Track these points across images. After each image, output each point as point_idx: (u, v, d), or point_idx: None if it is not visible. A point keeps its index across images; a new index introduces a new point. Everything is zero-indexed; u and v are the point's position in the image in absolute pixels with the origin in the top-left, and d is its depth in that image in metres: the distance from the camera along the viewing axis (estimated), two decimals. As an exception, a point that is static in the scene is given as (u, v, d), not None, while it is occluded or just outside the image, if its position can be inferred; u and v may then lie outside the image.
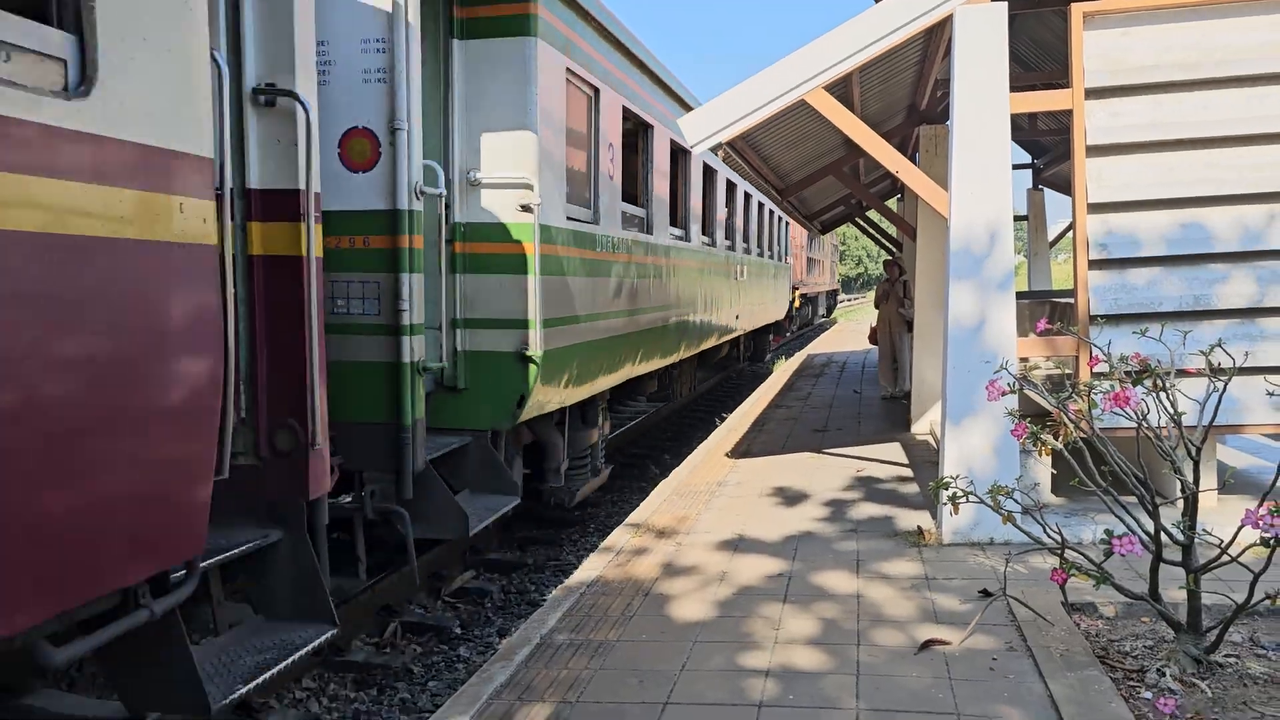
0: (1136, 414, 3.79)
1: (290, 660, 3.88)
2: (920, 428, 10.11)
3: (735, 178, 13.43)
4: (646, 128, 8.81)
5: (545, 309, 6.12)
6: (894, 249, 15.52)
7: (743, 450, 9.38)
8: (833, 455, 8.96)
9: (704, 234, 11.54)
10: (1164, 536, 3.93)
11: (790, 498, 7.23)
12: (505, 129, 5.91)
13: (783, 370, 18.28)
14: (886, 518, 6.57)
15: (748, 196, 14.73)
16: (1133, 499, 4.03)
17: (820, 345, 24.79)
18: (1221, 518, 4.66)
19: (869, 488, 7.53)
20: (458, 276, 5.96)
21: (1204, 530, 3.83)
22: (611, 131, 7.63)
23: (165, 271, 3.06)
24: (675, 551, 5.87)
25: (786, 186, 12.11)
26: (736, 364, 16.81)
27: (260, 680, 3.72)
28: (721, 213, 12.64)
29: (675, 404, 11.98)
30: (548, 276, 6.20)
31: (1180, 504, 4.00)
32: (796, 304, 26.69)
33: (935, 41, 7.78)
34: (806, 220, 16.55)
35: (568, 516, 8.85)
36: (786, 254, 21.02)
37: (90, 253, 2.76)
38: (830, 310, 44.23)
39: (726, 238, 13.30)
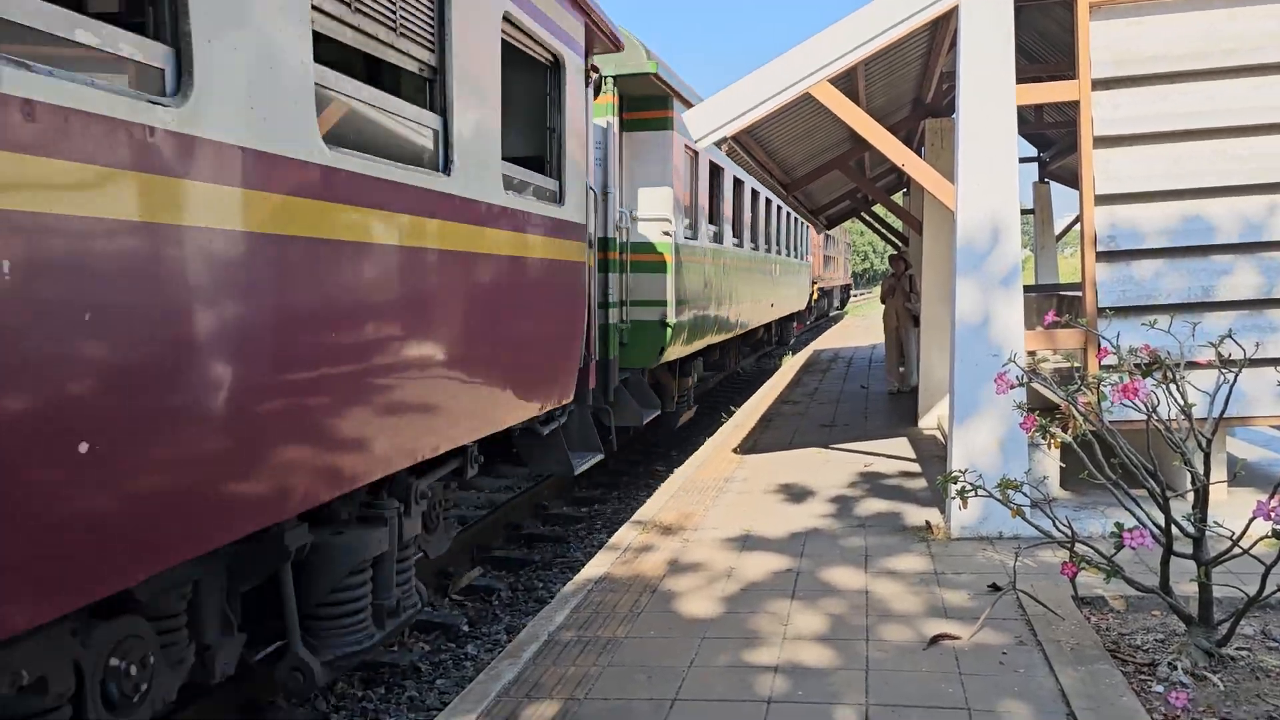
0: (1146, 406, 3.76)
1: (593, 461, 7.53)
2: (928, 422, 10.07)
3: (770, 194, 16.29)
4: (719, 170, 12.60)
5: (675, 294, 9.62)
6: (900, 243, 15.48)
7: (750, 446, 9.36)
8: (840, 451, 8.94)
9: (751, 241, 15.11)
10: (1175, 529, 3.90)
11: (797, 494, 7.21)
12: (653, 185, 9.52)
13: (789, 365, 18.24)
14: (894, 513, 6.55)
15: (778, 207, 18.29)
16: (1142, 492, 4.00)
17: (826, 340, 24.75)
18: (1232, 510, 4.63)
19: (876, 483, 7.51)
20: (626, 275, 9.13)
21: (1215, 523, 3.80)
22: (703, 177, 11.41)
23: (576, 272, 6.42)
24: (682, 548, 5.85)
25: (792, 181, 12.07)
26: (768, 345, 20.00)
27: (589, 464, 7.43)
28: (761, 223, 16.17)
29: (726, 371, 15.38)
30: (677, 274, 9.72)
31: (1190, 497, 3.97)
32: (815, 296, 29.86)
33: (940, 34, 7.74)
34: (812, 215, 16.55)
35: (575, 514, 8.85)
36: (806, 253, 24.37)
37: (562, 268, 6.13)
38: (844, 303, 47.60)
39: (765, 243, 16.77)
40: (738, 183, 13.64)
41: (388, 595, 4.52)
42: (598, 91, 7.85)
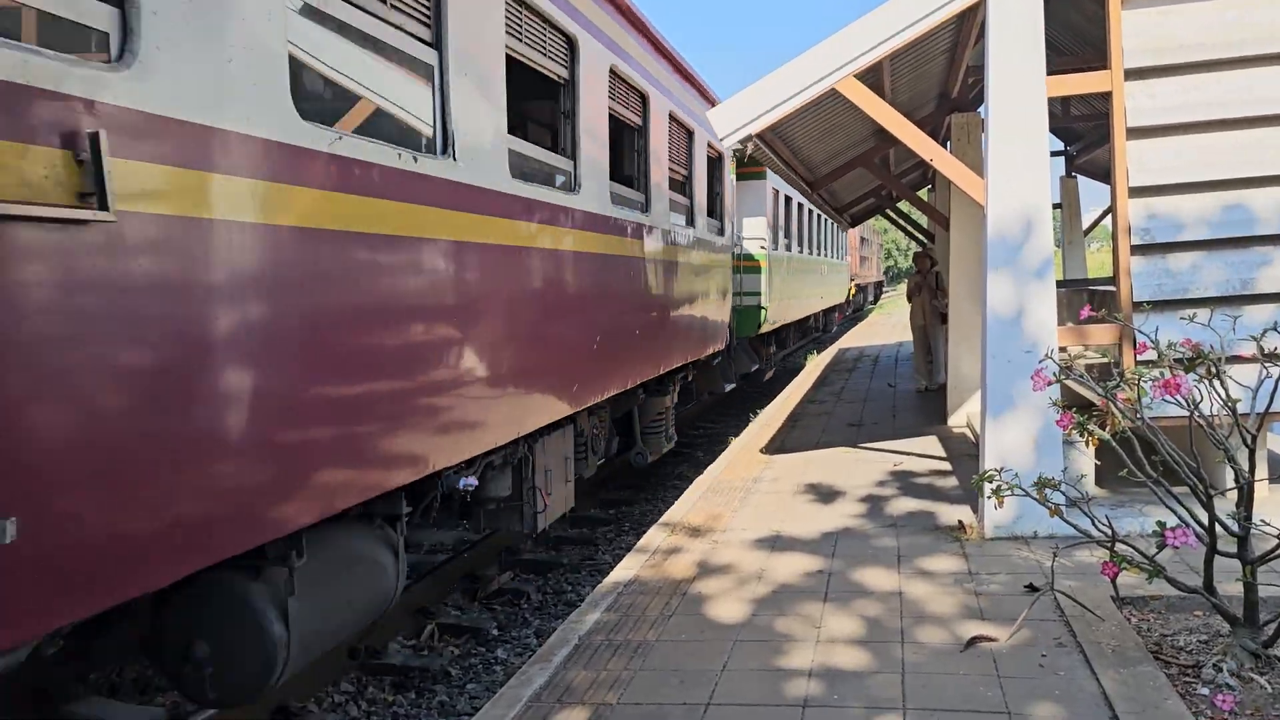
0: (1188, 402, 3.67)
1: (728, 389, 13.18)
2: (957, 420, 9.96)
3: (813, 207, 19.71)
4: (788, 197, 16.96)
5: (768, 287, 14.37)
6: (925, 240, 15.36)
7: (777, 446, 9.29)
8: (868, 450, 8.85)
9: (805, 248, 19.62)
10: (1218, 528, 3.81)
11: (826, 494, 7.14)
12: (754, 216, 14.38)
13: (815, 364, 18.14)
14: (926, 512, 6.47)
15: (820, 217, 22.08)
16: (1182, 490, 3.91)
17: (852, 339, 24.60)
18: (1275, 508, 4.52)
19: (906, 482, 7.42)
20: (740, 275, 13.53)
21: (1261, 520, 3.71)
22: (780, 206, 16.12)
23: (728, 274, 11.73)
24: (711, 550, 5.80)
25: (816, 179, 11.98)
26: (815, 331, 24.62)
27: (730, 387, 13.25)
28: (810, 233, 20.48)
29: (787, 349, 19.70)
30: (771, 272, 14.66)
31: (1233, 494, 3.88)
32: (853, 291, 34.63)
33: (967, 26, 7.65)
34: (836, 213, 16.49)
35: (603, 515, 8.81)
36: (844, 254, 29.39)
37: (723, 271, 11.28)
38: (878, 297, 52.65)
39: (814, 248, 21.20)
40: (795, 202, 17.78)
41: (669, 428, 9.42)
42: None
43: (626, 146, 8.00)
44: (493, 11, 4.98)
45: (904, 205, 18.08)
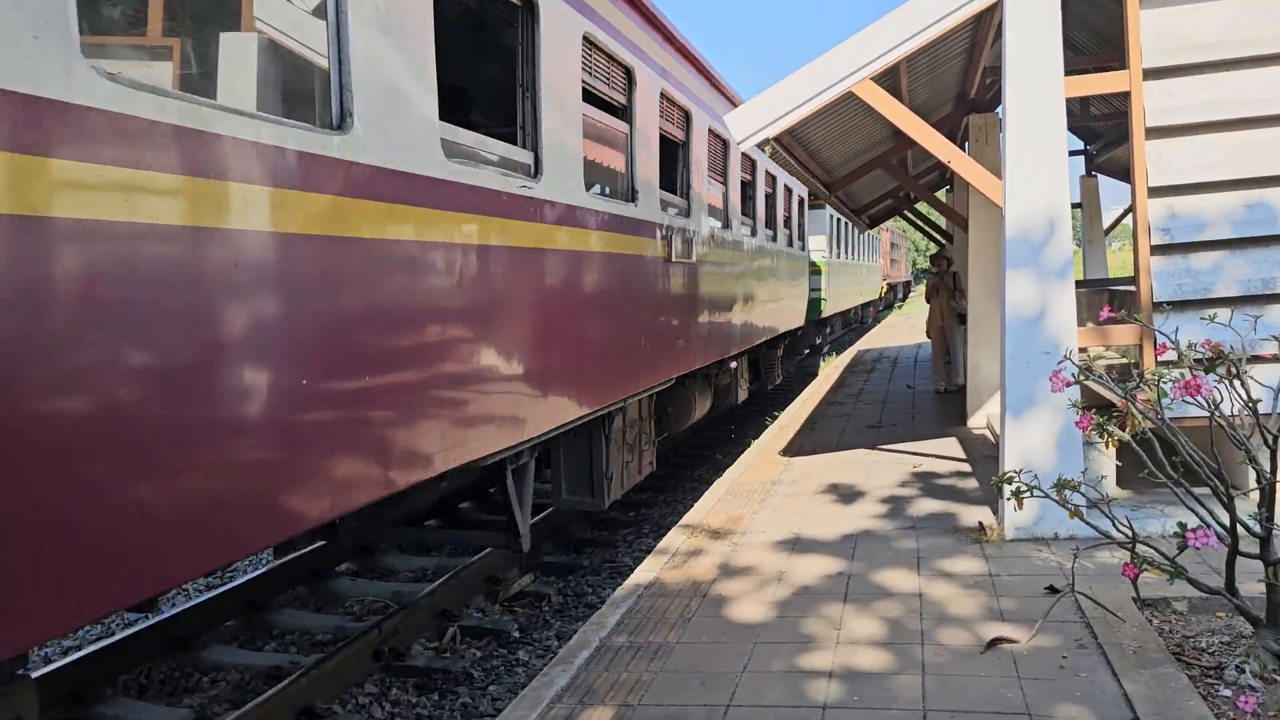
0: (1209, 402, 3.67)
1: (801, 358, 19.98)
2: (977, 421, 9.93)
3: (845, 219, 25.02)
4: (839, 219, 22.44)
5: (827, 284, 20.35)
6: (944, 241, 15.32)
7: (796, 448, 9.29)
8: (888, 451, 8.84)
9: (852, 255, 25.77)
10: (1240, 528, 3.80)
11: (846, 495, 7.15)
12: (817, 234, 20.14)
13: (833, 367, 18.11)
14: (946, 514, 6.46)
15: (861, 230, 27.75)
16: (1203, 491, 3.90)
17: (870, 340, 24.53)
18: (1299, 508, 4.49)
19: (926, 483, 7.41)
20: (807, 275, 17.33)
21: (1283, 521, 3.69)
22: (837, 226, 22.52)
23: (806, 273, 17.67)
24: (731, 552, 5.82)
25: (833, 181, 11.98)
26: (855, 323, 30.37)
27: (806, 354, 20.54)
28: (851, 242, 25.75)
29: (833, 335, 24.40)
30: (828, 274, 20.57)
31: (1253, 495, 3.87)
32: (884, 289, 40.22)
33: (985, 27, 7.64)
34: (854, 215, 16.49)
35: (623, 518, 8.84)
36: (877, 256, 34.98)
37: (804, 270, 17.26)
38: (906, 295, 57.26)
39: (853, 254, 26.50)
40: (843, 222, 23.18)
41: (778, 369, 15.27)
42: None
43: (769, 205, 13.44)
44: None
45: (922, 206, 18.04)
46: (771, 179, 13.51)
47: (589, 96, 6.13)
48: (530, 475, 5.64)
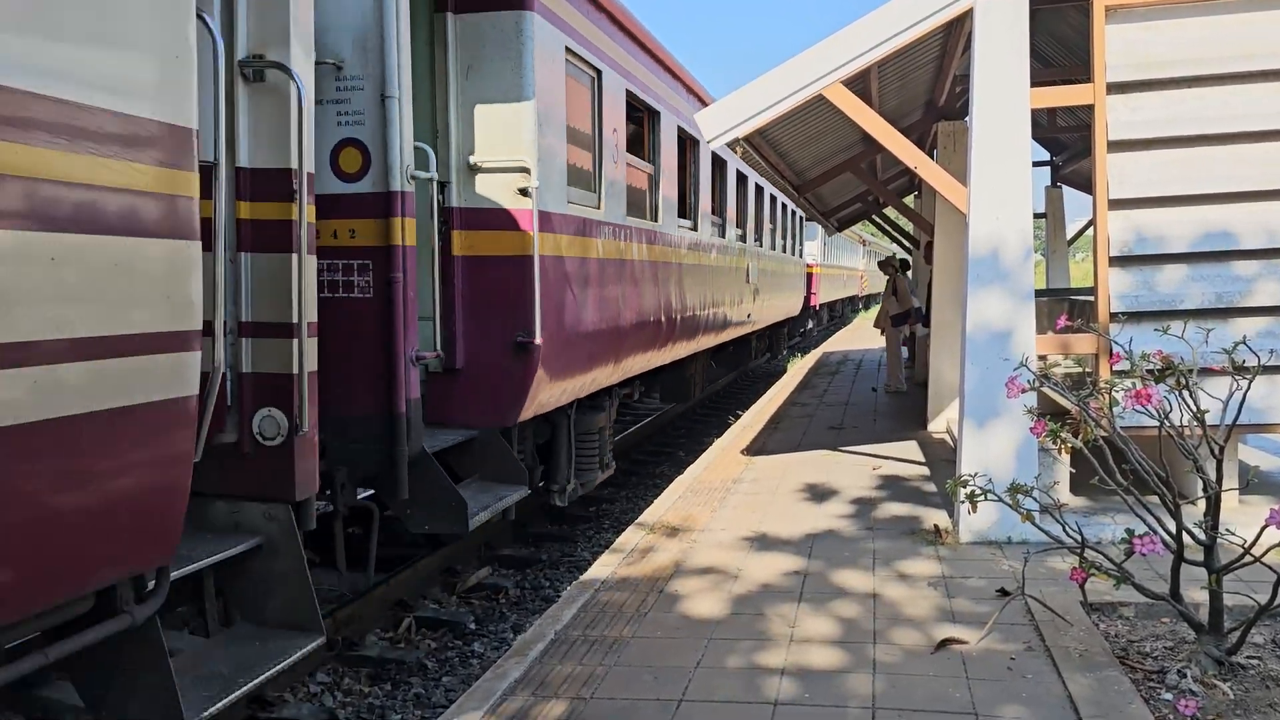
0: (1158, 412, 3.74)
1: (793, 341, 26.91)
2: (937, 426, 10.04)
3: (863, 236, 36.97)
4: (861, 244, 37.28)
5: (818, 281, 27.56)
6: (911, 246, 15.50)
7: (758, 448, 9.34)
8: (849, 453, 8.92)
9: (837, 258, 32.78)
10: (1186, 536, 3.88)
11: (806, 496, 7.20)
12: (810, 241, 25.34)
13: (798, 368, 18.23)
14: (904, 517, 6.53)
15: (846, 238, 34.77)
16: (1153, 498, 3.98)
17: (835, 343, 24.72)
18: (1244, 518, 4.58)
19: (886, 486, 7.49)
20: (804, 275, 23.97)
21: (1226, 530, 3.78)
22: (823, 235, 27.72)
23: (804, 275, 25.03)
24: (690, 549, 5.85)
25: (803, 183, 12.06)
26: (837, 316, 37.12)
27: (799, 336, 28.73)
28: (840, 250, 30.81)
29: (821, 324, 31.06)
30: (818, 274, 27.59)
31: (1201, 504, 3.95)
32: (865, 284, 45.68)
33: (955, 36, 7.72)
34: (823, 217, 16.62)
35: (583, 513, 8.85)
36: (857, 258, 41.05)
37: (799, 271, 23.32)
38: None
39: (838, 257, 30.92)
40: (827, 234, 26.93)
41: (786, 342, 23.74)
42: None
43: (779, 223, 17.53)
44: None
45: (890, 211, 18.19)
46: (784, 206, 18.04)
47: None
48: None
